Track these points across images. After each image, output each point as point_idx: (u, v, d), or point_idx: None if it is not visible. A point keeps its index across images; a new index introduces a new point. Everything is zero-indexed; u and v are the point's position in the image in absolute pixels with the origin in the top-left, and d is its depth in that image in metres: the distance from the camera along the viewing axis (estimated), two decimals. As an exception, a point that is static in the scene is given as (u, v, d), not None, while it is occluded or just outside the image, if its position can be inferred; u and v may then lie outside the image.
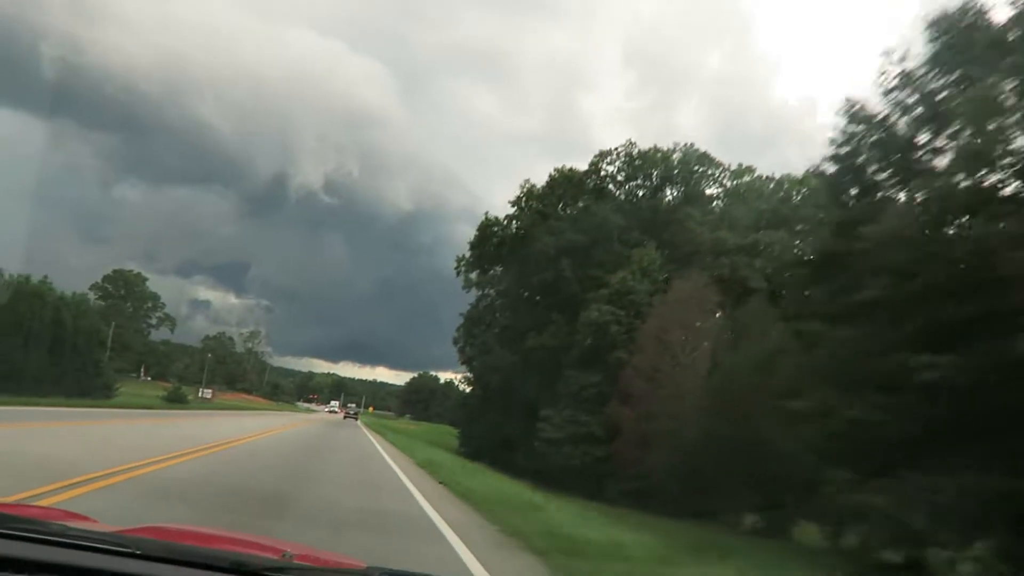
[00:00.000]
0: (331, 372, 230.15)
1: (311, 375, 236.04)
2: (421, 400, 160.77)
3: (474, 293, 48.95)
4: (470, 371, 47.24)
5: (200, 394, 68.41)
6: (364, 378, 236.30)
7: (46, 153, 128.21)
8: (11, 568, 1.29)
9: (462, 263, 49.97)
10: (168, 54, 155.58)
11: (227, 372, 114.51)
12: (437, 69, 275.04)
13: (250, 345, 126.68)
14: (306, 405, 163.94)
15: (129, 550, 1.50)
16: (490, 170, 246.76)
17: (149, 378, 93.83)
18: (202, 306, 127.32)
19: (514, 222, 47.34)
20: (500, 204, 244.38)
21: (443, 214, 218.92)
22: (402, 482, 14.74)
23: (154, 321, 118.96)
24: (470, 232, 51.54)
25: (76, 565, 1.41)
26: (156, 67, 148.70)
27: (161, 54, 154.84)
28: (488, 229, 48.31)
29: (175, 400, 38.04)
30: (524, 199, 47.25)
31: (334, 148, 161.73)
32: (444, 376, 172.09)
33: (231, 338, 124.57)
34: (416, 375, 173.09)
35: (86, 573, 1.42)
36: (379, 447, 27.69)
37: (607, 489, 26.83)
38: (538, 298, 40.91)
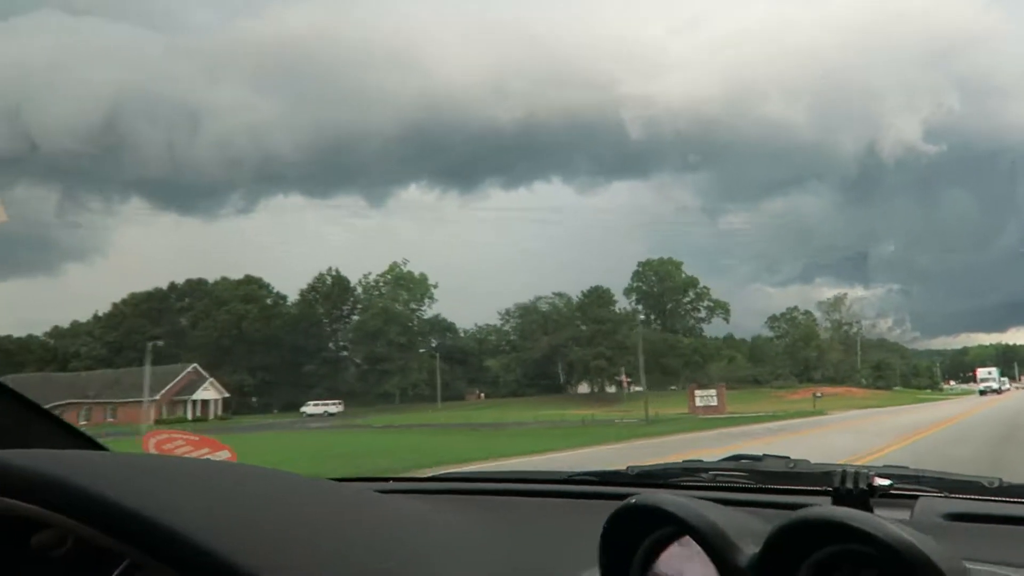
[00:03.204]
0: (992, 344, 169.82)
1: (964, 351, 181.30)
2: None
3: None
4: None
5: (694, 402, 37.80)
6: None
7: (658, 205, 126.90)
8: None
9: None
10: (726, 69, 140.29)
11: (801, 360, 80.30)
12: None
13: (836, 317, 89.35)
14: (962, 387, 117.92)
15: None
16: None
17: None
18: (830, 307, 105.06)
19: None
20: None
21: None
22: None
23: (702, 313, 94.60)
24: None
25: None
26: (719, 88, 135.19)
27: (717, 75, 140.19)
28: None
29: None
30: None
31: (924, 91, 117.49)
32: None
33: (807, 312, 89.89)
34: None
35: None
36: None
37: None
38: None
